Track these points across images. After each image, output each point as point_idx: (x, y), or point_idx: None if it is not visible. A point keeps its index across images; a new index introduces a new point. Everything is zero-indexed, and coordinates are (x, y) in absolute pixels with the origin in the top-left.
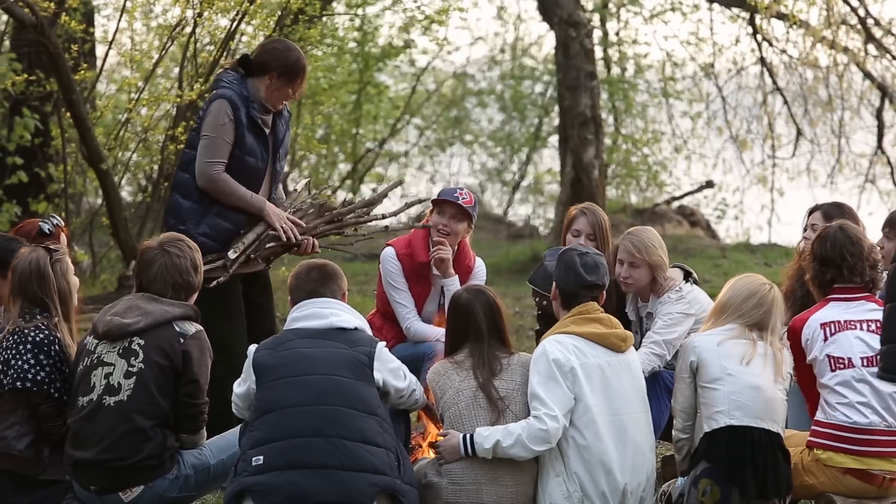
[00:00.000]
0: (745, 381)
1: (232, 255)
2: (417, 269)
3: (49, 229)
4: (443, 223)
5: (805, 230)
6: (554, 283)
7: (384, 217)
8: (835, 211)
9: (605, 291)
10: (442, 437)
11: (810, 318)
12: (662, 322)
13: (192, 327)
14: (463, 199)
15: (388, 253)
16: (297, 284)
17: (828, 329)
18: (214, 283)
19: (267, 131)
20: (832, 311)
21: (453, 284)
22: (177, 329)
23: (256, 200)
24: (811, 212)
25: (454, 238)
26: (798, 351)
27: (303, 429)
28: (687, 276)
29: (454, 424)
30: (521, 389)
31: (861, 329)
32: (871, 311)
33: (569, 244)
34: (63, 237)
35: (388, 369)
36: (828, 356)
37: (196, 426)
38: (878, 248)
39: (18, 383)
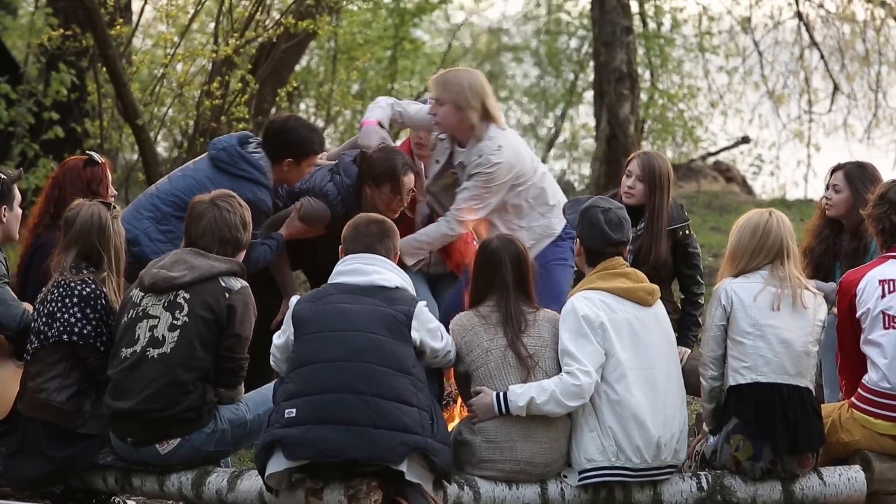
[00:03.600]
0: (774, 335)
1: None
2: None
3: (98, 160)
4: (418, 136)
5: (827, 189)
6: (578, 239)
7: None
8: (857, 171)
9: (627, 247)
10: (475, 395)
11: (868, 273)
12: (462, 196)
13: (238, 283)
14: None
15: None
16: (355, 236)
17: (886, 286)
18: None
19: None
20: (891, 268)
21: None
22: (222, 284)
23: None
24: (833, 171)
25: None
26: (847, 308)
27: (336, 384)
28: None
29: (485, 383)
30: (550, 346)
31: None
32: None
33: (622, 185)
34: (108, 174)
35: (427, 329)
36: (882, 312)
37: (235, 381)
38: None
39: (65, 336)
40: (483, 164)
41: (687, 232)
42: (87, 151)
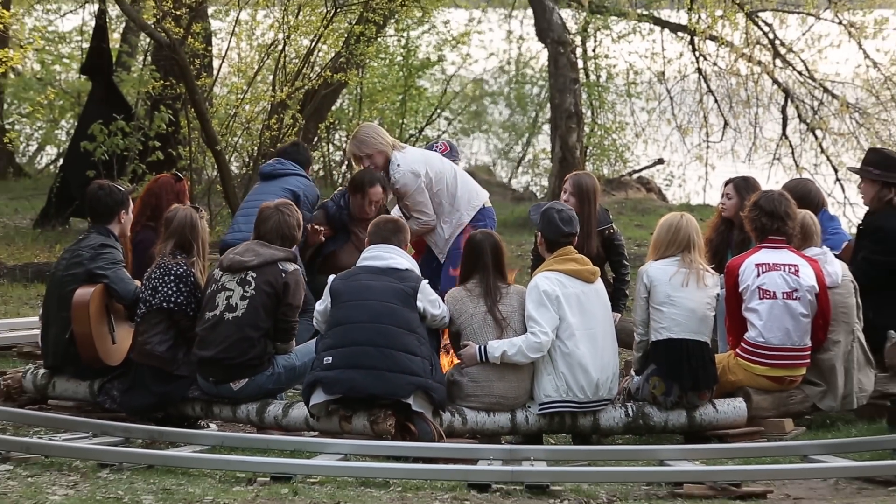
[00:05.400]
0: (682, 304)
1: None
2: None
3: (181, 176)
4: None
5: (722, 197)
6: (539, 233)
7: None
8: (743, 183)
9: (576, 237)
10: (463, 348)
11: (747, 260)
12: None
13: (291, 266)
14: (439, 149)
15: None
16: (376, 231)
17: (760, 268)
18: None
19: None
20: (764, 255)
21: None
22: (280, 267)
23: None
24: (726, 183)
25: None
26: (732, 285)
27: (361, 340)
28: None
29: (470, 339)
30: (519, 311)
31: (784, 271)
32: (792, 257)
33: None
34: (186, 186)
35: (428, 300)
36: (758, 287)
37: (288, 337)
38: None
39: (164, 304)
40: (395, 182)
41: (612, 230)
42: (174, 172)
